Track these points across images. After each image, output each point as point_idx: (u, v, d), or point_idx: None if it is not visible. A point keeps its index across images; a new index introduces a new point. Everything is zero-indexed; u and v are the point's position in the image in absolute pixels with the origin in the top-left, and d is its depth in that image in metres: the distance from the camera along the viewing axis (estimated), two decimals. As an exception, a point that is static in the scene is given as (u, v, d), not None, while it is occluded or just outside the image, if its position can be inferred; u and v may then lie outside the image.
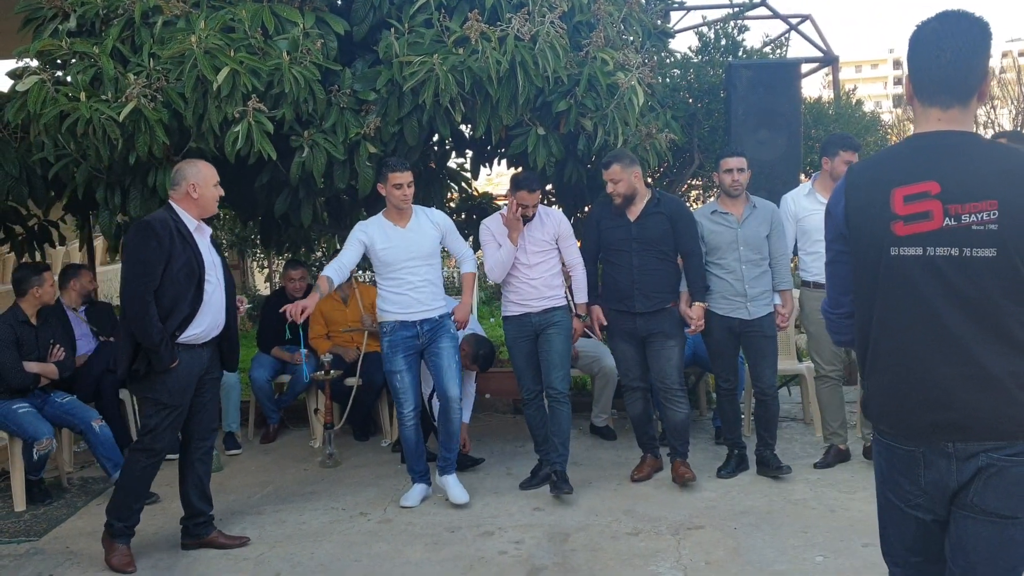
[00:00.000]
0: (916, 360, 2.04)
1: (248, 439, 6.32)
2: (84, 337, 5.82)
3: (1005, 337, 1.97)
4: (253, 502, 4.96)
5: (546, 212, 4.95)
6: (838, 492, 4.69)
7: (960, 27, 2.02)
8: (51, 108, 4.51)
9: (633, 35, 5.51)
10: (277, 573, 4.01)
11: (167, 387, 3.97)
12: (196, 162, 4.19)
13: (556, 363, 4.85)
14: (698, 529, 4.32)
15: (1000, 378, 1.96)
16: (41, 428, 4.89)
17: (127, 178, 5.07)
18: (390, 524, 4.55)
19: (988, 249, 1.95)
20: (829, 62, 7.57)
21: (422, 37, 4.87)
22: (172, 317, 3.93)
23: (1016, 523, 1.99)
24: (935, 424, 2.02)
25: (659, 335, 4.84)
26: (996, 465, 1.97)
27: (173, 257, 3.91)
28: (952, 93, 2.04)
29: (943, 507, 2.07)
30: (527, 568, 3.96)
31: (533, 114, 5.13)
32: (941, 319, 2.00)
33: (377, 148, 4.96)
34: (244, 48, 4.60)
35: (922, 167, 2.03)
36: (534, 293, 4.85)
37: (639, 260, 4.79)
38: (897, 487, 2.14)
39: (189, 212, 4.06)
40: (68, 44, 4.72)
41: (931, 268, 2.00)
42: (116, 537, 4.08)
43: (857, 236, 2.12)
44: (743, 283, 4.86)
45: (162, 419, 4.00)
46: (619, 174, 4.73)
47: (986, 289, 1.96)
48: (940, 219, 1.98)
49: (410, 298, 4.67)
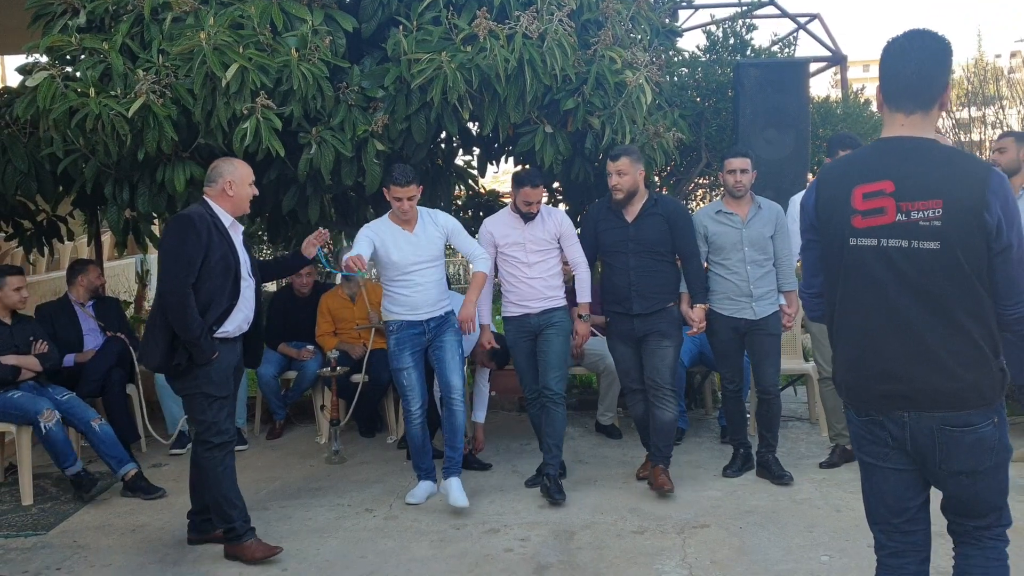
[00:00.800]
0: (870, 337, 2.34)
1: (254, 435, 6.33)
2: (91, 332, 5.84)
3: (948, 319, 2.24)
4: (259, 498, 4.97)
5: (548, 212, 4.92)
6: (844, 492, 4.68)
7: (924, 43, 2.29)
8: (60, 103, 4.52)
9: (641, 33, 5.50)
10: (283, 568, 4.02)
11: (211, 379, 3.99)
12: (233, 160, 4.20)
13: (553, 364, 4.83)
14: (703, 528, 4.32)
15: (942, 356, 2.24)
16: (40, 402, 4.90)
17: (135, 174, 5.09)
18: (396, 521, 4.56)
19: (933, 242, 2.22)
20: (837, 61, 7.56)
21: (430, 35, 4.87)
22: (210, 311, 3.94)
23: (980, 475, 2.31)
24: (885, 394, 2.33)
25: (655, 334, 4.80)
26: (949, 435, 2.27)
27: (211, 251, 3.93)
28: (915, 100, 2.30)
29: (911, 459, 2.37)
30: (532, 566, 3.96)
31: (541, 112, 5.13)
32: (892, 302, 2.28)
33: (385, 145, 4.97)
34: (253, 45, 4.61)
35: (880, 168, 2.31)
36: (533, 294, 4.84)
37: (636, 261, 4.75)
38: (869, 446, 2.43)
39: (224, 208, 4.07)
40: (78, 40, 4.74)
41: (884, 257, 2.28)
42: (240, 538, 4.07)
43: (825, 227, 2.42)
44: (748, 283, 4.85)
45: (216, 411, 4.03)
46: (627, 167, 4.69)
47: (931, 277, 2.23)
48: (893, 214, 2.26)
49: (417, 299, 4.67)
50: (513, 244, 4.85)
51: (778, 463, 4.98)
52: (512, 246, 4.85)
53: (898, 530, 2.46)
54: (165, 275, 3.93)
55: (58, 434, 4.89)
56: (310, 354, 6.17)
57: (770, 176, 5.66)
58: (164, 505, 4.87)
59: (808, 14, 7.49)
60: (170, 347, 3.93)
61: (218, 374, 4.02)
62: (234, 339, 4.13)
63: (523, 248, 4.83)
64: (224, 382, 4.06)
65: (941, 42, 2.30)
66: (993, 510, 2.38)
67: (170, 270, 3.91)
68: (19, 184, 5.27)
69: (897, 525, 2.46)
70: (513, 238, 4.85)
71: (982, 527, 2.39)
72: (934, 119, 2.34)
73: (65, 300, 5.90)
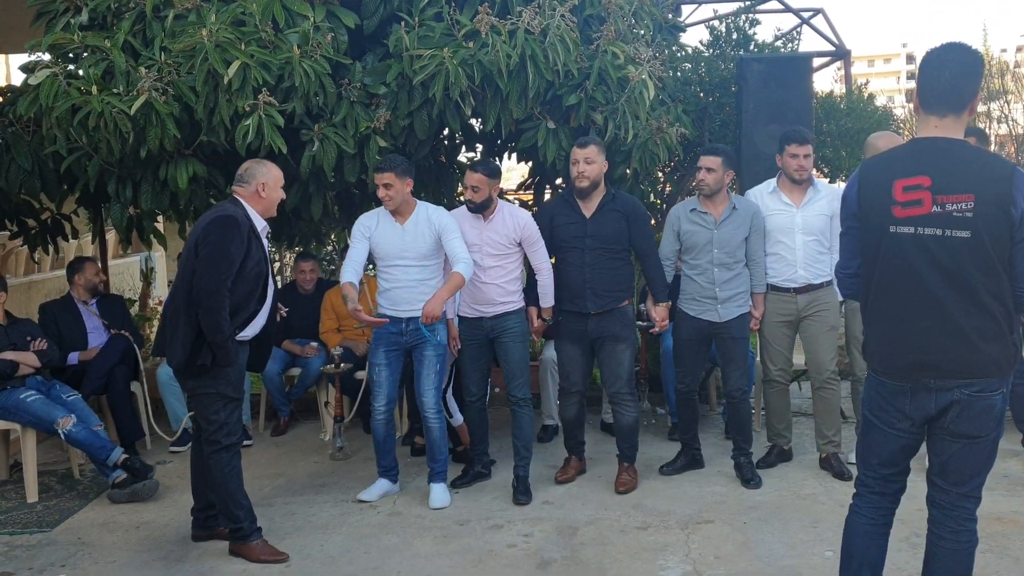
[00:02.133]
0: (904, 314, 2.67)
1: (259, 432, 6.34)
2: (96, 330, 5.85)
3: (973, 300, 2.57)
4: (264, 494, 4.98)
5: (511, 213, 4.79)
6: (848, 487, 4.62)
7: (958, 55, 2.64)
8: (63, 101, 4.52)
9: (644, 29, 5.48)
10: (287, 565, 4.03)
11: (230, 380, 3.99)
12: (266, 163, 4.19)
13: (515, 372, 4.80)
14: (707, 523, 4.32)
15: (967, 331, 2.58)
16: (54, 411, 4.93)
17: (138, 172, 5.09)
18: (400, 517, 4.57)
19: (964, 231, 2.54)
20: (841, 56, 7.53)
21: (432, 31, 4.86)
22: (239, 314, 3.94)
23: (980, 440, 2.67)
24: (915, 363, 2.67)
25: (609, 338, 4.75)
26: (966, 399, 2.62)
27: (249, 255, 3.92)
28: (947, 105, 2.63)
29: (919, 430, 2.75)
30: (536, 561, 3.96)
31: (543, 108, 5.12)
32: (925, 283, 2.61)
33: (387, 142, 4.96)
34: (255, 42, 4.61)
35: (919, 164, 2.62)
36: (487, 298, 4.75)
37: (592, 258, 4.69)
38: (883, 413, 2.79)
39: (256, 211, 4.06)
40: (80, 38, 4.73)
41: (920, 244, 2.60)
42: (247, 538, 4.08)
43: (866, 216, 2.73)
44: (714, 286, 4.79)
45: (230, 412, 4.03)
46: (595, 155, 4.65)
47: (961, 262, 2.56)
48: (929, 206, 2.58)
49: (396, 295, 4.63)
50: (470, 245, 4.69)
51: (751, 466, 4.92)
52: (469, 247, 4.69)
53: (883, 478, 2.89)
54: (208, 274, 3.84)
55: (80, 433, 4.91)
56: (314, 351, 6.17)
57: (773, 172, 5.64)
58: (168, 502, 4.88)
59: (811, 9, 7.47)
60: (194, 346, 3.89)
61: (236, 376, 4.03)
62: (246, 343, 4.13)
63: (480, 250, 4.72)
64: (240, 383, 4.08)
65: (974, 55, 2.65)
66: (975, 477, 2.73)
67: (213, 269, 3.85)
68: (23, 182, 5.27)
69: (884, 475, 2.88)
70: (471, 239, 4.72)
71: (962, 494, 2.74)
72: (964, 122, 2.66)
73: (68, 299, 5.91)
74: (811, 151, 4.88)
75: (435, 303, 4.46)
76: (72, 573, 4.04)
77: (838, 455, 5.01)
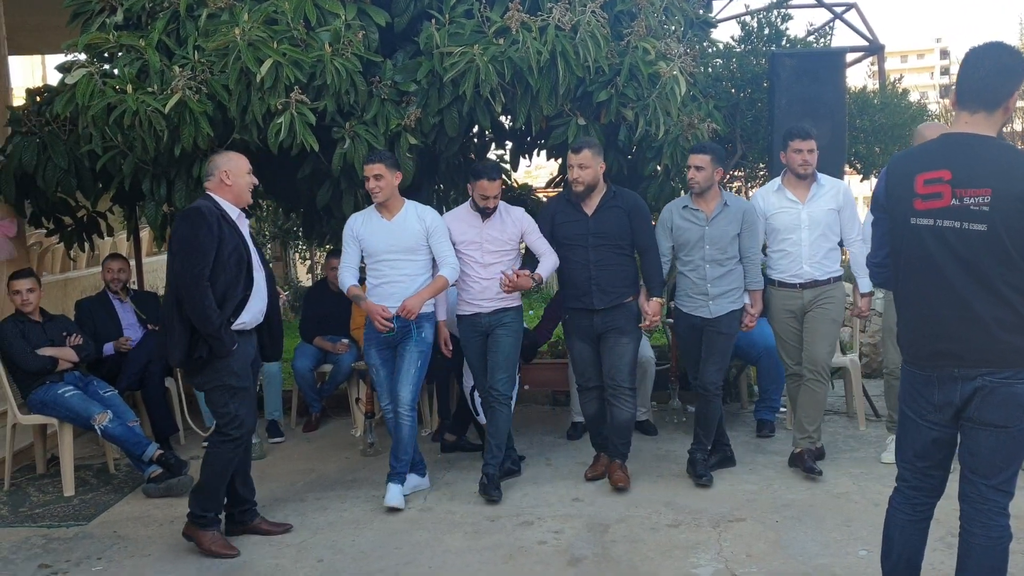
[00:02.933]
0: (926, 303, 2.75)
1: (290, 428, 6.39)
2: (131, 326, 5.92)
3: (992, 290, 2.62)
4: (296, 489, 5.02)
5: (507, 210, 4.81)
6: (881, 486, 4.62)
7: (997, 54, 2.69)
8: (98, 100, 4.58)
9: (675, 24, 5.45)
10: (319, 559, 4.05)
11: (232, 370, 4.01)
12: (227, 152, 4.25)
13: (501, 365, 4.77)
14: (739, 521, 4.29)
15: (986, 320, 2.63)
16: (92, 407, 5.00)
17: (172, 169, 5.14)
18: (430, 512, 4.58)
19: (981, 224, 2.60)
20: (874, 51, 7.45)
21: (463, 28, 4.87)
22: (227, 303, 3.96)
23: (1007, 431, 2.67)
24: (938, 352, 2.73)
25: (614, 331, 4.74)
26: (988, 386, 2.65)
27: (223, 242, 3.95)
28: (980, 102, 2.69)
29: (949, 421, 2.77)
30: (567, 558, 3.96)
31: (574, 104, 5.11)
32: (945, 274, 2.68)
33: (418, 139, 4.98)
34: (287, 40, 4.64)
35: (941, 158, 2.70)
36: (486, 294, 4.75)
37: (596, 255, 4.69)
38: (915, 403, 2.83)
39: (227, 200, 4.11)
40: (115, 37, 4.79)
41: (939, 235, 2.68)
42: (207, 527, 4.12)
43: (892, 208, 2.83)
44: (705, 282, 4.77)
45: (238, 404, 4.06)
46: (589, 160, 4.64)
47: (979, 254, 2.62)
48: (949, 199, 2.65)
49: (386, 291, 4.60)
50: (470, 243, 4.75)
51: (704, 463, 4.87)
52: (469, 244, 4.75)
53: (920, 472, 2.90)
54: (181, 269, 3.92)
55: (116, 428, 4.97)
56: (345, 347, 6.20)
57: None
58: (202, 497, 4.93)
59: (845, 3, 7.40)
60: (190, 341, 3.94)
61: (239, 365, 4.04)
62: (250, 331, 4.15)
63: (480, 248, 4.75)
64: (244, 373, 4.09)
65: (1014, 56, 2.69)
66: (1004, 470, 2.72)
67: (185, 263, 3.91)
68: (59, 181, 5.34)
69: (920, 468, 2.90)
70: (470, 236, 4.75)
71: (991, 487, 2.73)
72: (997, 120, 2.71)
73: (104, 295, 5.98)
74: (814, 146, 4.86)
75: (416, 299, 4.51)
76: (108, 566, 4.09)
77: (811, 451, 4.95)
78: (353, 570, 3.94)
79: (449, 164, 5.85)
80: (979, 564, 2.76)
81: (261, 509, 4.46)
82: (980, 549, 2.75)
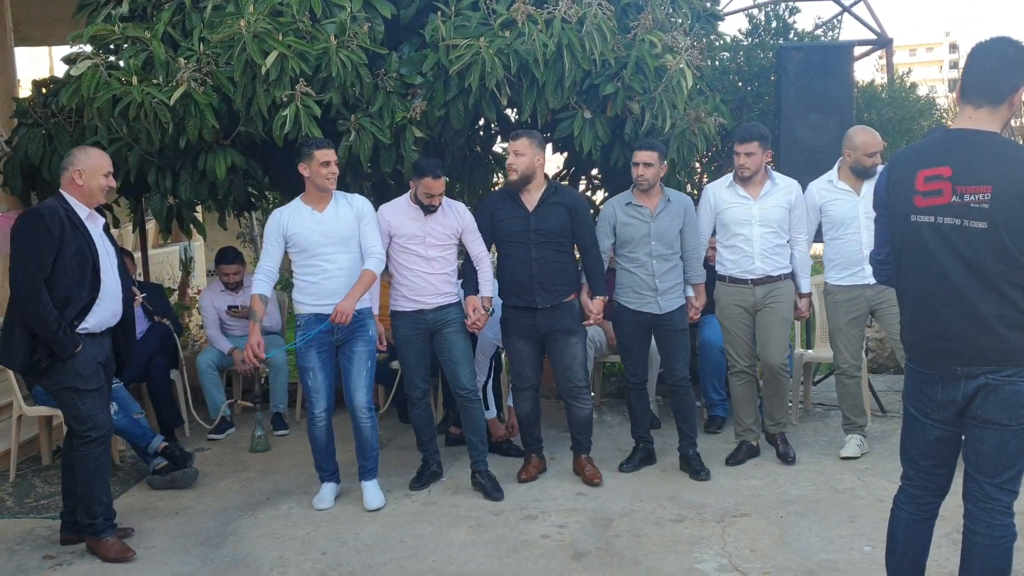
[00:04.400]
0: (927, 301, 2.73)
1: (295, 421, 6.38)
2: (136, 319, 5.90)
3: (993, 288, 2.60)
4: (300, 482, 5.03)
5: (449, 205, 4.72)
6: (887, 481, 4.61)
7: (1003, 48, 2.66)
8: (104, 92, 4.58)
9: (682, 17, 5.43)
10: (323, 552, 4.06)
11: (78, 372, 3.89)
12: (88, 149, 4.08)
13: (460, 361, 4.71)
14: (743, 517, 4.29)
15: (988, 318, 2.61)
16: None
17: (178, 161, 5.14)
18: (434, 506, 4.58)
19: (981, 222, 2.58)
20: (883, 45, 7.39)
21: (468, 20, 4.85)
22: (70, 305, 3.84)
23: (1010, 429, 2.66)
24: (939, 351, 2.72)
25: (560, 332, 4.71)
26: (991, 384, 2.64)
27: (64, 245, 3.80)
28: (984, 96, 2.66)
29: (952, 420, 2.76)
30: (570, 552, 3.96)
31: (579, 97, 5.09)
32: (946, 271, 2.66)
33: (423, 132, 4.97)
34: (292, 32, 4.63)
35: (942, 155, 2.67)
36: (430, 289, 4.66)
37: (538, 252, 4.64)
38: (919, 402, 2.83)
39: (76, 199, 3.94)
40: (120, 29, 4.79)
41: (940, 233, 2.66)
42: (100, 533, 4.05)
43: (892, 204, 2.81)
44: (654, 278, 4.77)
45: (89, 405, 3.95)
46: (524, 148, 4.61)
47: (979, 251, 2.60)
48: (949, 196, 2.63)
49: (326, 287, 4.45)
50: (412, 237, 4.64)
51: (698, 458, 4.89)
52: (411, 239, 4.64)
53: (924, 470, 2.90)
54: (15, 272, 3.81)
55: (121, 421, 4.95)
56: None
57: (812, 161, 5.58)
58: (207, 489, 4.94)
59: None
60: (31, 345, 3.83)
61: (84, 367, 3.91)
62: (100, 335, 4.01)
63: (422, 242, 4.65)
64: (92, 375, 3.95)
65: (1020, 49, 2.66)
66: (1008, 469, 2.71)
67: (19, 266, 3.80)
68: (65, 172, 5.34)
69: (924, 466, 2.89)
70: (412, 230, 4.65)
71: (995, 485, 2.72)
72: (1002, 115, 2.68)
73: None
74: (755, 148, 4.83)
75: (348, 303, 4.34)
76: (112, 557, 4.10)
77: (784, 435, 5.07)
78: (357, 563, 3.94)
79: (455, 157, 5.83)
80: (983, 563, 2.76)
81: (265, 501, 4.47)
82: (984, 548, 2.75)
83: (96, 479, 4.02)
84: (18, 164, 5.42)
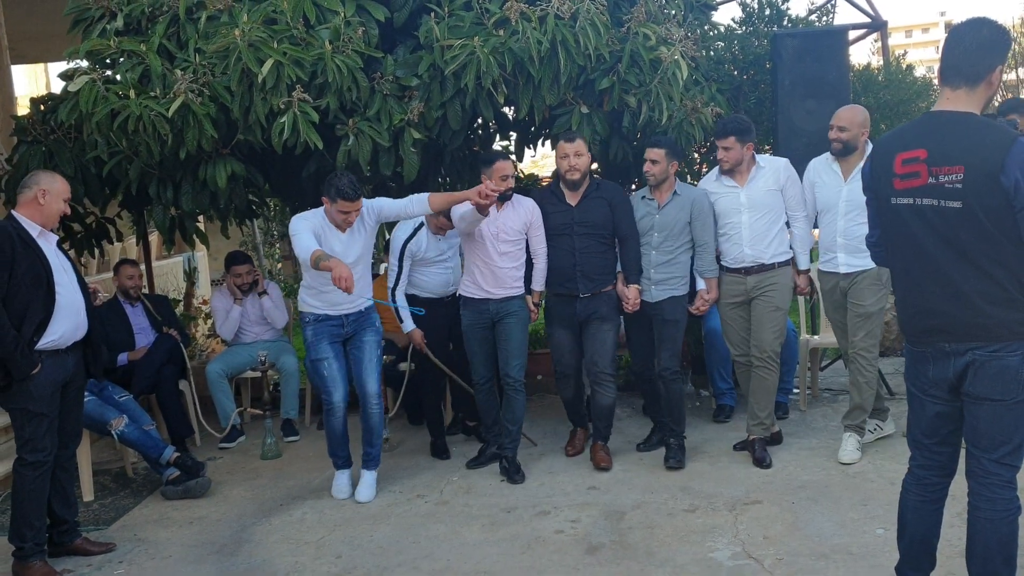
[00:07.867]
0: (912, 281, 2.81)
1: (305, 426, 6.41)
2: (143, 331, 5.94)
3: (973, 265, 2.65)
4: (313, 487, 5.04)
5: (519, 200, 4.89)
6: (898, 464, 4.62)
7: (979, 29, 2.69)
8: (102, 107, 4.60)
9: (675, 9, 5.43)
10: (337, 556, 4.07)
11: (32, 395, 3.88)
12: (54, 174, 4.13)
13: (515, 352, 4.88)
14: (755, 504, 4.30)
15: (971, 295, 2.66)
16: (107, 412, 5.02)
17: (178, 173, 5.16)
18: (447, 506, 4.60)
19: (956, 202, 2.63)
20: (878, 28, 7.38)
21: (462, 20, 4.87)
22: (26, 323, 3.83)
23: (1003, 403, 2.70)
24: (926, 328, 2.80)
25: (596, 318, 4.88)
26: (979, 361, 2.69)
27: (16, 264, 3.81)
28: (961, 77, 2.70)
29: (947, 395, 2.81)
30: (584, 546, 3.97)
31: (576, 93, 5.10)
32: (928, 251, 2.73)
33: (421, 134, 4.98)
34: (287, 39, 4.65)
35: (919, 138, 2.73)
36: (501, 281, 4.86)
37: (581, 243, 4.82)
38: (916, 379, 2.89)
39: (32, 219, 3.95)
40: (116, 43, 4.81)
41: (919, 213, 2.73)
42: (29, 558, 3.98)
43: (876, 188, 2.89)
44: (650, 267, 4.87)
45: (35, 428, 3.92)
46: (584, 149, 4.81)
47: (957, 230, 2.65)
48: (926, 177, 2.69)
49: (337, 296, 4.55)
50: (485, 236, 4.80)
51: (681, 448, 4.95)
52: (484, 237, 4.80)
53: (928, 449, 2.94)
54: None
55: (132, 433, 4.99)
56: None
57: (811, 147, 5.56)
58: (220, 498, 4.96)
59: (846, -20, 7.32)
60: None
61: (39, 389, 3.89)
62: (65, 351, 4.01)
63: (496, 237, 4.81)
64: (45, 399, 3.93)
65: (997, 29, 2.70)
66: (1005, 443, 2.74)
67: None
68: (67, 188, 5.37)
69: (928, 445, 2.94)
70: (486, 228, 4.79)
71: (994, 460, 2.75)
72: (980, 95, 2.71)
73: (115, 300, 6.00)
74: (732, 143, 4.80)
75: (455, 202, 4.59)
76: (129, 568, 4.12)
77: (764, 440, 4.96)
78: (371, 565, 3.96)
79: (454, 157, 5.85)
80: (987, 538, 2.78)
81: (278, 507, 4.49)
82: (987, 523, 2.78)
83: (29, 503, 3.98)
84: (19, 182, 5.43)
